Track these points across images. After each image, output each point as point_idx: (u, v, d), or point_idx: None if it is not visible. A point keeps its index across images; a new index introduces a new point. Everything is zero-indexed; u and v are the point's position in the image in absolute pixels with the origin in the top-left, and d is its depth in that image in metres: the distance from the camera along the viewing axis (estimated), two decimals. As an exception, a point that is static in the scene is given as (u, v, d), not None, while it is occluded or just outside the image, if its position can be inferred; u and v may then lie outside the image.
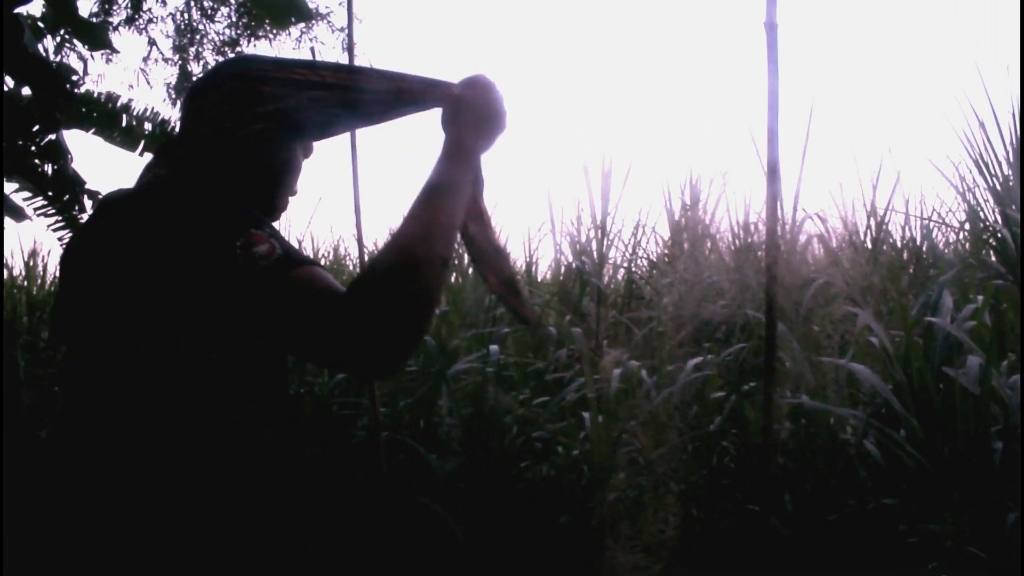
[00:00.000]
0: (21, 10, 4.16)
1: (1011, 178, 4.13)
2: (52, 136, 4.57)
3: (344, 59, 7.02)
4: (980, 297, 3.01)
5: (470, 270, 5.24)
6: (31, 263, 6.62)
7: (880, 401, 2.81)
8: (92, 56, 5.68)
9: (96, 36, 4.65)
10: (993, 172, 4.17)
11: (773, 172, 1.64)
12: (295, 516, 1.28)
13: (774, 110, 1.58)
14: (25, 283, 6.55)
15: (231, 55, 7.46)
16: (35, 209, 4.83)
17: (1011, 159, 4.12)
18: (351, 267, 6.15)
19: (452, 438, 3.72)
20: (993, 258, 4.03)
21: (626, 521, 2.88)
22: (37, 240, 6.85)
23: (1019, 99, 3.91)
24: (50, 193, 4.73)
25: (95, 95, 4.78)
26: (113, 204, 1.28)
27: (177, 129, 1.33)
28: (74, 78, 4.55)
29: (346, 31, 3.53)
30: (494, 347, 3.87)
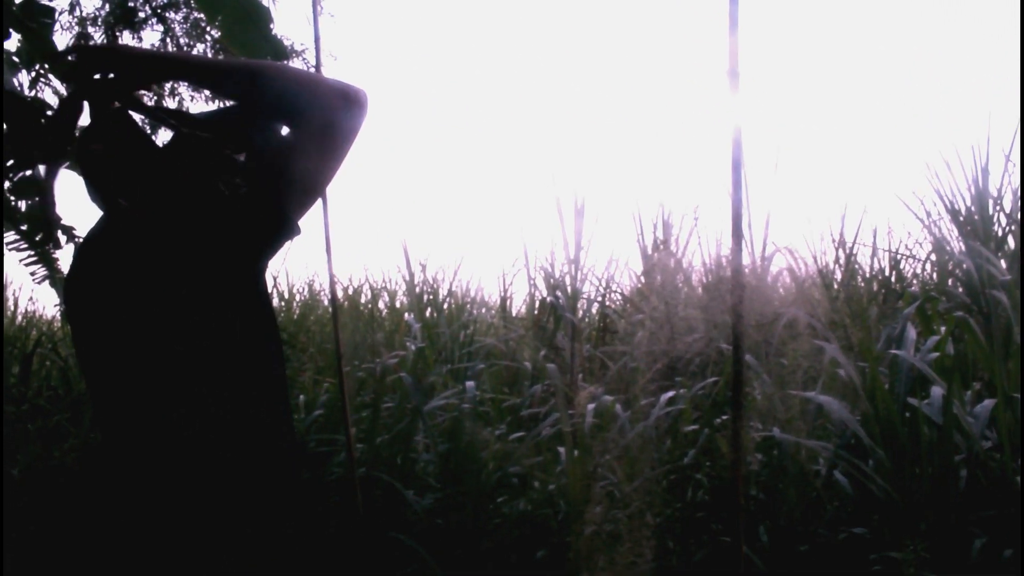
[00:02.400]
0: (-4, 48, 4.17)
1: (973, 210, 4.25)
2: (27, 172, 4.57)
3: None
4: (943, 328, 3.09)
5: (444, 307, 5.28)
6: (1, 298, 6.58)
7: (848, 432, 2.87)
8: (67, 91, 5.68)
9: (73, 75, 4.65)
10: (956, 206, 4.29)
11: (737, 214, 1.70)
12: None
13: (737, 158, 1.64)
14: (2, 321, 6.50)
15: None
16: (7, 244, 4.81)
17: (972, 191, 4.24)
18: (324, 302, 6.16)
19: (429, 474, 3.73)
20: (959, 288, 4.13)
21: (602, 555, 2.90)
22: (8, 275, 6.80)
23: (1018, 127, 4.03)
24: (23, 228, 4.72)
25: (70, 131, 4.77)
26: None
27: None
28: (48, 113, 4.55)
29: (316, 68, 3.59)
30: (470, 383, 3.90)
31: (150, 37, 9.66)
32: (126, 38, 7.38)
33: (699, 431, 3.31)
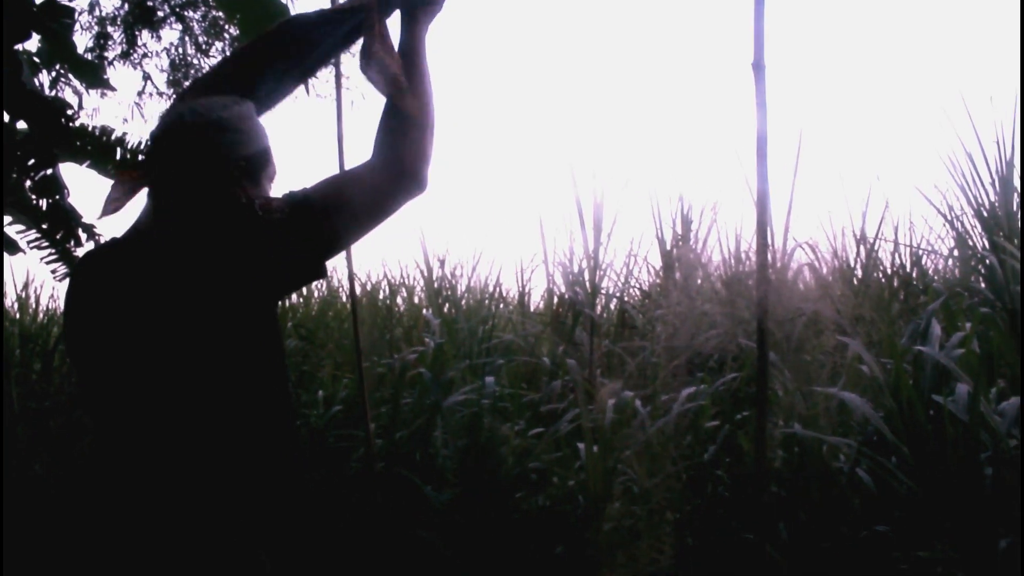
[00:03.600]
0: (18, 46, 4.20)
1: (997, 205, 4.19)
2: (48, 171, 4.60)
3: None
4: (968, 324, 3.06)
5: (463, 302, 5.27)
6: (24, 295, 6.62)
7: (871, 429, 2.84)
8: (87, 91, 5.73)
9: (94, 74, 4.68)
10: (980, 201, 4.23)
11: (763, 213, 1.68)
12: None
13: (763, 152, 1.62)
14: (18, 315, 6.54)
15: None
16: (29, 242, 4.84)
17: (996, 186, 4.18)
18: (343, 298, 6.17)
19: (448, 469, 3.73)
20: (982, 284, 4.08)
21: (622, 551, 2.90)
22: (30, 272, 6.85)
23: (1018, 111, 3.97)
24: (44, 226, 4.75)
25: (90, 129, 4.79)
26: (133, 248, 1.41)
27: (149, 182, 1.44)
28: (69, 112, 4.57)
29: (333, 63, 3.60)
30: (490, 379, 3.89)
31: (169, 36, 9.71)
32: (145, 37, 7.42)
33: (720, 427, 3.29)
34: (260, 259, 1.32)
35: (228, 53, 7.51)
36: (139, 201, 1.49)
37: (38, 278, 7.27)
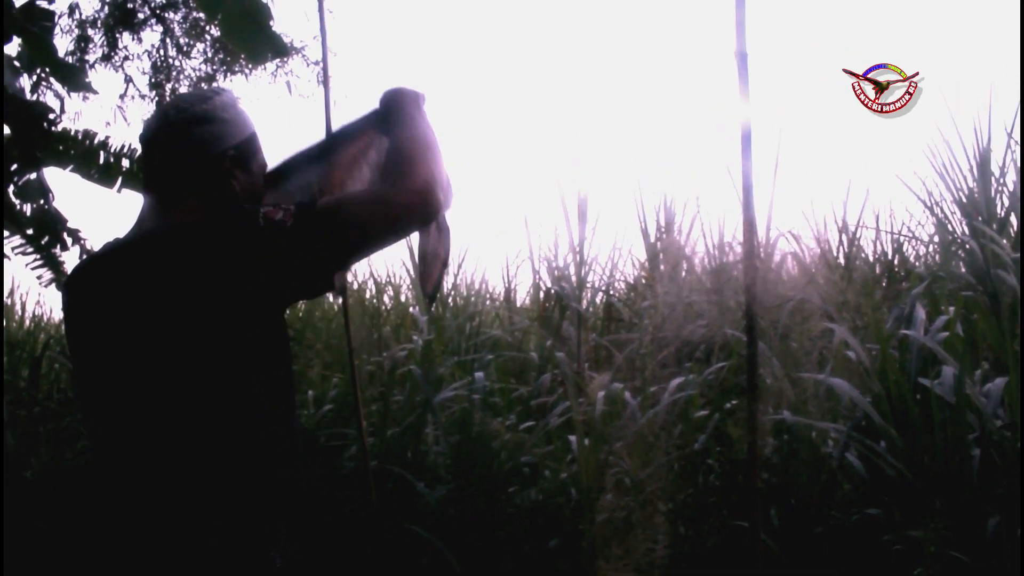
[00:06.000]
0: (-3, 51, 4.17)
1: (976, 190, 4.23)
2: (32, 175, 4.57)
3: (319, 93, 7.04)
4: (952, 308, 3.09)
5: (450, 300, 5.28)
6: (9, 302, 6.58)
7: (860, 414, 2.87)
8: (69, 94, 5.69)
9: (75, 77, 4.66)
10: (959, 186, 4.27)
11: (748, 197, 1.70)
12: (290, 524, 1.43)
13: (747, 141, 1.64)
14: (3, 322, 6.50)
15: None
16: (13, 248, 4.82)
17: (975, 172, 4.22)
18: (330, 298, 6.16)
19: (440, 465, 3.74)
20: (963, 269, 4.12)
21: (615, 542, 2.91)
22: (15, 279, 6.82)
23: (1019, 106, 4.00)
24: (29, 232, 4.73)
25: (72, 133, 4.77)
26: (129, 252, 1.40)
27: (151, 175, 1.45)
28: (51, 116, 4.55)
29: (321, 64, 3.60)
30: (479, 374, 3.90)
31: (150, 38, 9.67)
32: (126, 39, 7.38)
33: (709, 416, 3.31)
34: (263, 264, 1.31)
35: (210, 57, 7.51)
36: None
37: (23, 285, 7.24)
